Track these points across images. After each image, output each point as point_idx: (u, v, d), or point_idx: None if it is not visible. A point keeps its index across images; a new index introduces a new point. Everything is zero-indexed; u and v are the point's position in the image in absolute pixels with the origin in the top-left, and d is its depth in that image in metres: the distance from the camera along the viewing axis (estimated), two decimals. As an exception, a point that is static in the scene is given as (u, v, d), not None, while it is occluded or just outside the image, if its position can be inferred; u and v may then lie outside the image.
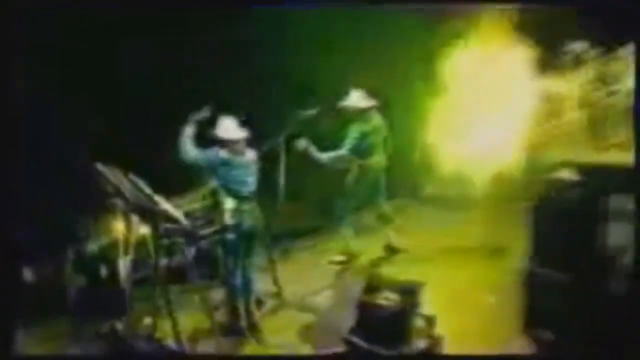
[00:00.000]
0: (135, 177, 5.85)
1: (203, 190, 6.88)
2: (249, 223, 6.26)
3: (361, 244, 8.09)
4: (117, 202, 6.41)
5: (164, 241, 6.30)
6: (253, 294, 6.50)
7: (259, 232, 6.53)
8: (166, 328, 6.07)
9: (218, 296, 6.63)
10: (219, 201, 6.31)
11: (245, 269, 6.34)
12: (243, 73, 8.95)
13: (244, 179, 6.23)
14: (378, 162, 7.85)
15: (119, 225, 6.58)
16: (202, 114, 6.29)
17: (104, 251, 6.82)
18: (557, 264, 5.64)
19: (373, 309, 5.49)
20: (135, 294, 6.47)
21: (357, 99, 7.66)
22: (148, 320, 6.17)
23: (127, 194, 5.93)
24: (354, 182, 7.83)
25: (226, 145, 6.14)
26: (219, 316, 6.47)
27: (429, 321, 5.59)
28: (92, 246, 6.89)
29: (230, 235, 6.22)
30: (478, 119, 6.69)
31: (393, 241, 8.02)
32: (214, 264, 6.68)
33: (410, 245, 8.04)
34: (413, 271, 7.02)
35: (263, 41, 9.14)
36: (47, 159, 7.24)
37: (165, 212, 5.91)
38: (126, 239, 6.51)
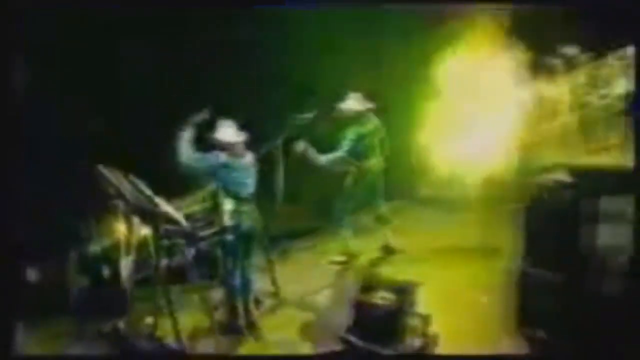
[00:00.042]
0: (136, 179, 5.85)
1: (203, 193, 6.89)
2: (248, 224, 6.24)
3: (360, 244, 8.07)
4: (119, 204, 6.42)
5: (165, 242, 6.33)
6: (252, 294, 6.48)
7: (258, 233, 6.52)
8: (167, 327, 6.08)
9: (217, 296, 6.61)
10: (218, 203, 6.30)
11: (244, 269, 6.32)
12: (242, 73, 8.89)
13: (244, 181, 6.22)
14: (376, 164, 7.83)
15: (121, 227, 6.60)
16: (201, 117, 6.24)
17: (106, 252, 6.84)
18: (549, 264, 5.62)
19: (369, 308, 5.50)
20: (136, 294, 6.50)
21: (354, 102, 7.64)
22: (149, 319, 6.21)
23: (128, 196, 5.94)
24: (353, 184, 7.82)
25: (226, 148, 6.12)
26: (218, 315, 6.46)
27: (424, 320, 5.59)
28: (95, 247, 6.91)
29: (229, 237, 6.21)
30: (472, 122, 6.68)
31: (390, 242, 8.01)
32: (214, 264, 6.66)
33: (407, 245, 8.02)
34: (409, 271, 7.02)
35: (263, 41, 9.09)
36: (49, 161, 7.19)
37: (166, 214, 5.92)
38: (127, 240, 6.53)
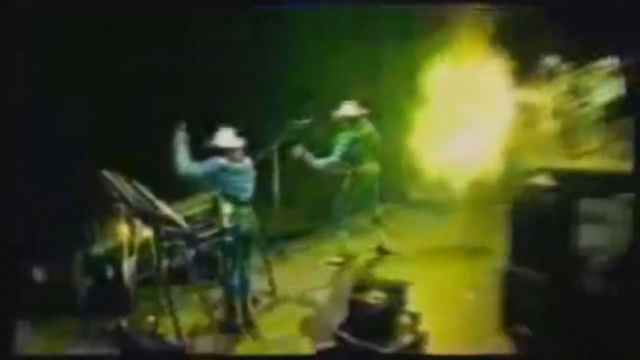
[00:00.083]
0: (138, 183, 5.89)
1: (203, 196, 6.93)
2: (246, 226, 6.26)
3: (356, 245, 8.10)
4: (121, 207, 6.44)
5: (165, 244, 6.39)
6: (250, 294, 6.51)
7: (256, 235, 6.54)
8: (168, 325, 6.12)
9: (216, 295, 6.64)
10: (218, 206, 6.33)
11: (243, 270, 6.34)
12: (242, 74, 8.88)
13: (242, 185, 6.25)
14: (371, 168, 7.87)
15: (124, 229, 6.61)
16: (180, 135, 6.21)
17: (110, 253, 6.85)
18: (534, 264, 5.69)
19: (362, 307, 5.52)
20: (138, 293, 6.55)
21: (349, 108, 7.71)
22: (151, 318, 6.23)
23: (131, 200, 5.97)
24: (350, 187, 7.84)
25: (225, 153, 6.16)
26: (217, 314, 6.49)
27: (415, 318, 5.61)
28: (99, 249, 6.93)
29: (228, 238, 6.23)
30: (460, 128, 6.74)
31: (385, 243, 8.06)
32: (213, 265, 6.71)
33: (398, 246, 8.06)
34: (401, 271, 7.08)
35: (263, 41, 9.07)
36: (55, 166, 7.22)
37: (166, 217, 5.95)
38: (130, 242, 6.55)
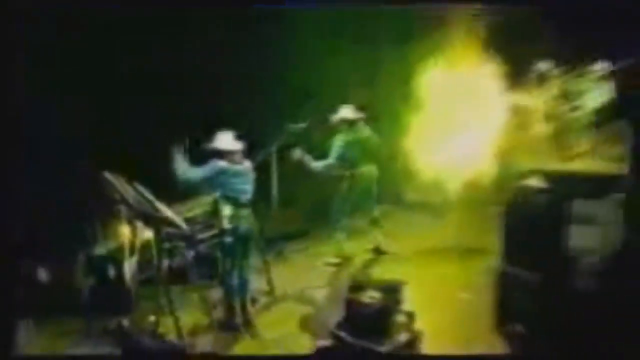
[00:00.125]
0: (139, 186, 5.87)
1: (203, 198, 6.91)
2: (245, 227, 6.27)
3: (352, 246, 8.08)
4: (123, 209, 6.44)
5: (166, 244, 6.41)
6: (249, 293, 6.50)
7: (255, 236, 6.54)
8: (168, 324, 6.12)
9: (216, 295, 6.64)
10: (218, 207, 6.32)
11: (242, 270, 6.34)
12: (241, 74, 8.83)
13: (242, 187, 6.26)
14: (369, 171, 7.86)
15: (125, 230, 6.63)
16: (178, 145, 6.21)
17: (111, 254, 6.83)
18: (527, 264, 5.68)
19: (359, 306, 5.51)
20: (140, 293, 6.57)
21: (346, 111, 7.70)
22: (152, 317, 6.22)
23: (132, 202, 5.97)
24: (347, 189, 7.83)
25: (224, 156, 6.15)
26: (216, 314, 6.49)
27: (410, 317, 5.61)
28: (101, 249, 6.91)
29: (227, 239, 6.23)
30: (454, 131, 6.73)
31: (381, 244, 8.04)
32: (213, 265, 6.70)
33: (394, 247, 8.05)
34: (396, 271, 7.09)
35: (262, 41, 9.00)
36: (54, 166, 7.18)
37: (167, 218, 5.94)
38: (131, 243, 6.57)
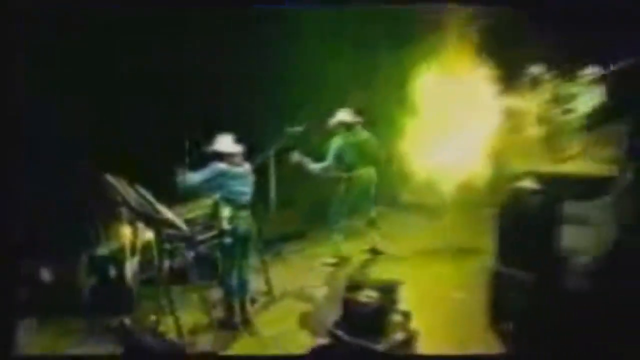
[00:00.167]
0: (141, 188, 5.85)
1: (204, 200, 6.90)
2: (244, 228, 6.25)
3: (349, 247, 8.07)
4: (124, 211, 6.44)
5: (167, 245, 6.40)
6: (248, 294, 6.49)
7: (254, 237, 6.52)
8: (169, 323, 6.11)
9: (216, 295, 6.64)
10: (217, 209, 6.31)
11: (241, 270, 6.33)
12: (242, 74, 8.75)
13: (241, 189, 6.24)
14: (367, 173, 7.84)
15: (126, 232, 6.65)
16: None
17: (113, 254, 6.84)
18: (520, 264, 5.66)
19: (356, 306, 5.50)
20: (141, 293, 6.58)
21: (343, 115, 7.69)
22: (153, 316, 6.21)
23: (133, 204, 5.96)
24: (345, 192, 7.82)
25: (224, 158, 6.14)
26: (216, 313, 6.48)
27: (406, 316, 5.60)
28: (103, 250, 6.91)
29: (227, 240, 6.21)
30: (449, 134, 6.72)
31: (378, 245, 8.03)
32: (212, 265, 6.68)
33: (391, 248, 8.04)
34: (393, 271, 7.08)
35: (262, 41, 8.93)
36: (54, 167, 7.15)
37: (167, 220, 5.93)
38: (133, 244, 6.58)
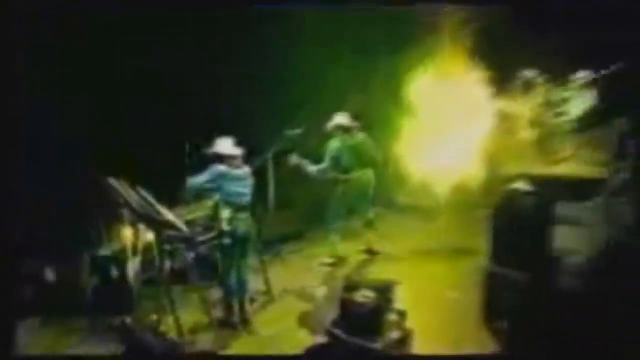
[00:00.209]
0: (142, 190, 5.84)
1: (204, 201, 6.88)
2: (243, 229, 6.25)
3: (346, 247, 8.05)
4: (126, 212, 6.44)
5: (167, 246, 6.41)
6: (248, 293, 6.48)
7: (252, 238, 6.52)
8: (169, 323, 6.11)
9: (216, 295, 6.64)
10: (217, 210, 6.30)
11: (240, 271, 6.33)
12: (242, 74, 8.71)
13: (241, 191, 6.24)
14: (366, 175, 7.82)
15: (128, 233, 6.66)
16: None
17: (115, 255, 6.84)
18: (513, 264, 5.66)
19: (353, 306, 5.49)
20: (142, 293, 6.57)
21: (340, 118, 7.68)
22: (154, 316, 6.22)
23: (135, 205, 5.95)
24: (342, 193, 7.80)
25: (224, 161, 6.13)
26: (215, 313, 6.48)
27: (402, 315, 5.60)
28: (105, 251, 6.91)
29: (226, 241, 6.20)
30: (444, 137, 6.72)
31: (373, 245, 8.02)
32: (212, 266, 6.66)
33: (387, 248, 8.03)
34: (389, 271, 7.07)
35: (263, 41, 8.86)
36: (53, 167, 7.11)
37: (168, 221, 5.93)
38: (134, 245, 6.60)
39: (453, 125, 6.69)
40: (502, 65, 7.11)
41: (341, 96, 8.23)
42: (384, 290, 5.60)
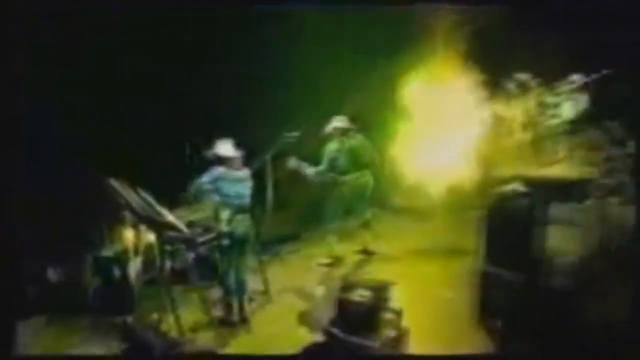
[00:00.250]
0: (143, 191, 5.84)
1: (205, 203, 6.87)
2: (242, 230, 6.28)
3: (342, 248, 8.05)
4: (127, 214, 6.45)
5: (168, 247, 6.41)
6: (247, 293, 6.50)
7: (251, 238, 6.53)
8: (170, 322, 6.10)
9: (215, 295, 6.65)
10: (217, 212, 6.30)
11: (239, 271, 6.35)
12: (242, 74, 8.66)
13: (240, 192, 6.27)
14: (364, 176, 7.83)
15: (129, 234, 6.69)
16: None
17: (117, 256, 6.85)
18: (507, 264, 5.66)
19: (350, 305, 5.49)
20: (143, 293, 6.60)
21: (337, 121, 7.68)
22: (155, 315, 6.23)
23: (136, 207, 5.95)
24: (340, 195, 7.81)
25: (224, 162, 6.13)
26: (215, 312, 6.50)
27: (397, 314, 5.59)
28: (107, 252, 6.92)
29: (225, 241, 6.22)
30: (439, 139, 6.72)
31: (369, 246, 8.02)
32: (212, 266, 6.66)
33: (383, 248, 8.03)
34: (385, 271, 7.08)
35: (263, 41, 8.81)
36: (55, 168, 7.09)
37: (169, 222, 5.94)
38: (135, 246, 6.62)
39: (448, 127, 6.70)
40: (496, 68, 7.12)
41: (340, 97, 8.22)
42: (380, 290, 5.60)
